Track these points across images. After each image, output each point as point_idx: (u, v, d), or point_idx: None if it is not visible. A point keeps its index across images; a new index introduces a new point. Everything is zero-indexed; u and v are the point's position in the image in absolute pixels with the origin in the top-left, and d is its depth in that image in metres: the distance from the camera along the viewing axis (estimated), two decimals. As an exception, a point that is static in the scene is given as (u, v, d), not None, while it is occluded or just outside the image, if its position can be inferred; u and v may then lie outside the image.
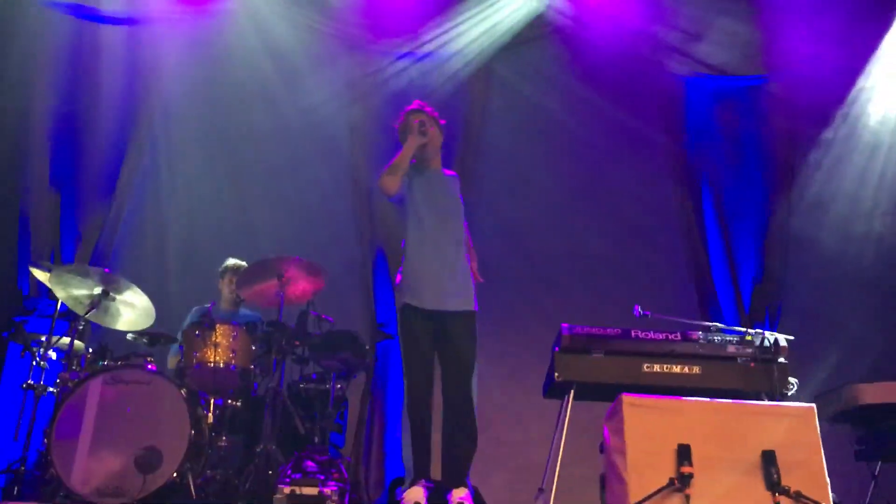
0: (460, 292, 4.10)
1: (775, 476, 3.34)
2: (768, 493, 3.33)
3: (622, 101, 6.60)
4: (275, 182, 6.40)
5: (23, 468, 4.25)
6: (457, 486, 3.83)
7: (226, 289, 5.44)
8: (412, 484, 3.81)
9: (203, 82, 6.48)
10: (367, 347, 5.48)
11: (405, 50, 6.62)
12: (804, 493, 3.30)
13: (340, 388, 5.08)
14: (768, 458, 3.38)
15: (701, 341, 4.33)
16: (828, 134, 6.34)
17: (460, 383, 4.00)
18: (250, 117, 6.51)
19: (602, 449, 3.92)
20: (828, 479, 3.40)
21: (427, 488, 3.81)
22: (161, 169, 6.39)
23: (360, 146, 6.49)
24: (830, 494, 3.37)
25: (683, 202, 6.46)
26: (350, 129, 6.54)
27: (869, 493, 4.65)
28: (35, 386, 4.52)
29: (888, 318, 5.92)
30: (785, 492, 3.31)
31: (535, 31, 6.64)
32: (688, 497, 3.30)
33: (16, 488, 4.16)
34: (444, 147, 4.48)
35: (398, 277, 4.20)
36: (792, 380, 4.19)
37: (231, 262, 5.48)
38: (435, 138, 4.33)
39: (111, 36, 6.45)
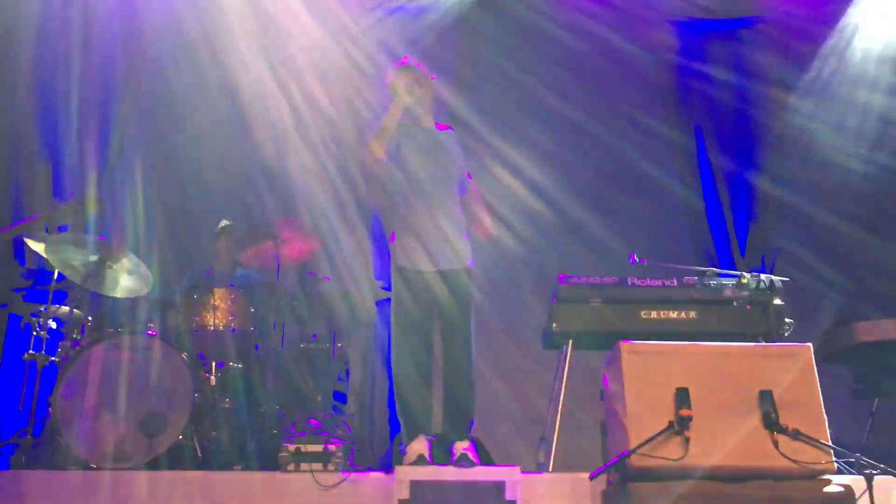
0: (454, 251, 4.07)
1: (773, 415, 3.37)
2: (766, 432, 3.36)
3: (615, 47, 6.53)
4: (267, 142, 6.35)
5: (29, 437, 4.28)
6: (460, 439, 3.86)
7: (222, 251, 5.42)
8: (413, 438, 3.85)
9: (191, 43, 6.38)
10: (367, 305, 5.53)
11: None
12: (802, 430, 3.34)
13: (341, 346, 5.12)
14: (766, 398, 3.41)
15: (697, 286, 4.36)
16: (817, 71, 6.29)
17: (458, 340, 4.00)
18: (241, 77, 6.43)
19: (602, 396, 3.96)
20: (825, 417, 3.44)
21: (429, 441, 3.86)
22: (152, 133, 6.33)
23: (350, 103, 6.44)
24: (828, 431, 3.41)
25: (677, 147, 6.43)
26: (339, 84, 6.48)
27: (867, 430, 4.71)
28: (36, 356, 4.53)
29: (884, 258, 5.93)
30: (783, 430, 3.34)
31: None
32: (687, 439, 3.33)
33: (23, 457, 4.20)
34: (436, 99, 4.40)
35: (391, 238, 4.19)
36: (788, 321, 4.22)
37: (226, 223, 5.46)
38: (424, 96, 4.24)
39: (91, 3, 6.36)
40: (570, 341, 4.40)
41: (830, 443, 3.36)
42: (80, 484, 3.77)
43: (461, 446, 3.79)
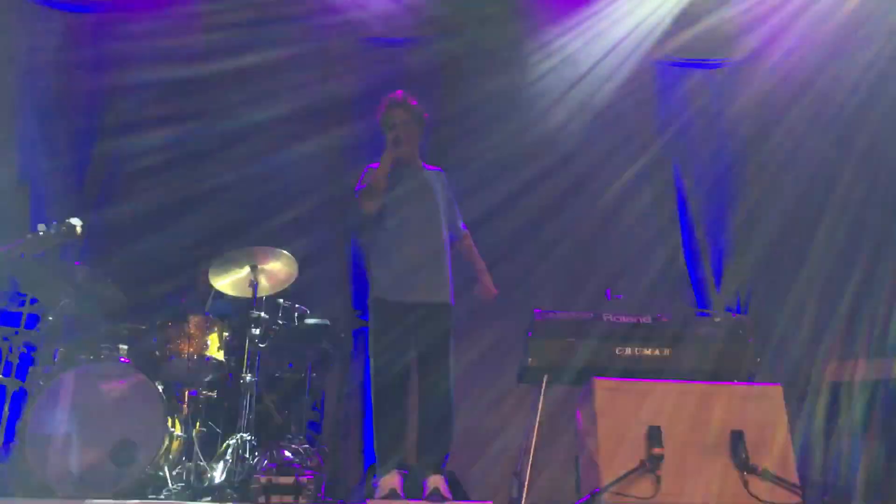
0: (434, 286, 4.08)
1: (744, 455, 3.41)
2: (737, 472, 3.40)
3: (596, 84, 6.63)
4: (247, 171, 6.36)
5: (-3, 464, 4.22)
6: (433, 473, 3.85)
7: (198, 279, 5.41)
8: (386, 471, 3.83)
9: (172, 67, 6.41)
10: (343, 336, 5.52)
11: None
12: (771, 470, 3.38)
13: (316, 376, 5.11)
14: (737, 438, 3.45)
15: (672, 323, 4.38)
16: (792, 113, 6.41)
17: (436, 376, 3.99)
18: (222, 105, 6.45)
19: (576, 432, 3.97)
20: (794, 456, 3.47)
21: (402, 475, 3.84)
22: (130, 157, 6.32)
23: (335, 131, 6.48)
24: (796, 471, 3.44)
25: (654, 185, 6.51)
26: (324, 111, 6.52)
27: (834, 469, 4.73)
28: (6, 380, 4.48)
29: (857, 298, 6.00)
30: (753, 470, 3.38)
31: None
32: (659, 478, 3.36)
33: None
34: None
35: (371, 269, 4.19)
36: (759, 359, 4.25)
37: (201, 252, 5.45)
38: (413, 137, 4.22)
39: (77, 23, 6.38)
40: (546, 376, 4.41)
41: (798, 482, 3.39)
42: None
43: (434, 481, 3.78)
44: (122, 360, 4.38)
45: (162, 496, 4.06)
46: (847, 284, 5.90)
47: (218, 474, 4.29)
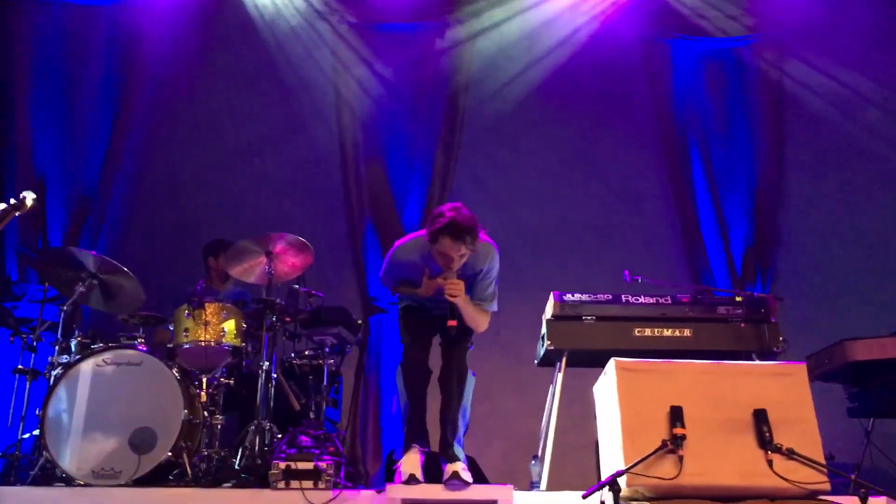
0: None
1: (767, 434, 3.35)
2: (761, 451, 3.34)
3: (608, 69, 6.56)
4: (260, 158, 6.35)
5: (17, 453, 4.24)
6: (452, 455, 3.81)
7: (213, 267, 5.40)
8: (407, 450, 3.79)
9: (184, 61, 6.42)
10: (359, 322, 5.49)
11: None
12: (796, 450, 3.31)
13: (334, 363, 5.08)
14: (760, 417, 3.39)
15: (691, 304, 4.34)
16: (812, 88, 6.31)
17: (456, 355, 3.97)
18: (233, 95, 6.45)
19: (596, 414, 3.93)
20: (819, 436, 3.41)
21: (423, 452, 3.80)
22: (144, 151, 6.33)
23: (348, 120, 6.45)
24: (822, 451, 3.38)
25: (672, 166, 6.43)
26: (336, 103, 6.49)
27: (863, 450, 4.68)
28: (26, 371, 4.50)
29: (880, 276, 5.93)
30: (777, 449, 3.31)
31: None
32: (681, 458, 3.30)
33: (11, 473, 4.16)
34: (430, 119, 4.34)
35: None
36: (782, 339, 4.20)
37: (216, 240, 5.44)
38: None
39: (92, 18, 6.39)
40: (564, 358, 4.38)
41: (825, 462, 3.33)
42: (67, 500, 3.73)
43: (454, 465, 3.74)
44: (140, 347, 4.38)
45: (181, 483, 4.06)
46: (874, 262, 5.83)
47: (237, 460, 4.28)
